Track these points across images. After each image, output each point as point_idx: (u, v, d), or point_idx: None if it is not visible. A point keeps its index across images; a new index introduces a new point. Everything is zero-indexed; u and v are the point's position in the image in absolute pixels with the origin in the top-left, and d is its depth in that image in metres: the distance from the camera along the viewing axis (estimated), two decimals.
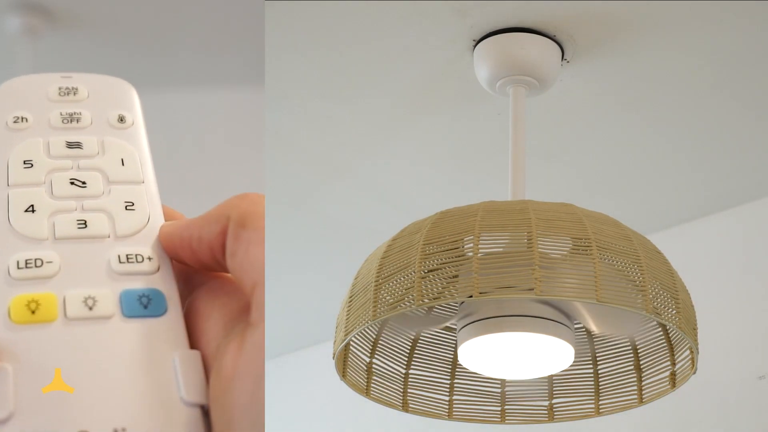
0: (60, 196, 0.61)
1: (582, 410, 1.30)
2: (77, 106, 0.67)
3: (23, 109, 0.66)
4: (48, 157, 0.63)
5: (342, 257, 1.87)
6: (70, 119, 0.66)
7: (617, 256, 1.11)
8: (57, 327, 0.56)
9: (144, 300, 0.58)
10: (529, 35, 1.35)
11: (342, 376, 1.24)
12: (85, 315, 0.56)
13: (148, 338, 0.56)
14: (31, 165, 0.63)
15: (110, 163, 0.64)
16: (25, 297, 0.56)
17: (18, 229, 0.60)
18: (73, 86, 0.68)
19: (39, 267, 0.58)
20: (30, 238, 0.59)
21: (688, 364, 1.21)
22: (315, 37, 1.39)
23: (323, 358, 2.02)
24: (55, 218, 0.60)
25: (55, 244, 0.59)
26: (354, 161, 1.64)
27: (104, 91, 0.69)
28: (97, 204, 0.62)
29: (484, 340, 1.19)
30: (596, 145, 1.59)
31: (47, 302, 0.56)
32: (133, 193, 0.63)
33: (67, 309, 0.56)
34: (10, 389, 0.53)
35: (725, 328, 1.69)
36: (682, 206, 1.74)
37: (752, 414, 1.66)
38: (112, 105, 0.68)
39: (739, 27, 1.35)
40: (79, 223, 0.60)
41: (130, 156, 0.65)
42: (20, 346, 0.55)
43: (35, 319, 0.56)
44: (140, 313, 0.57)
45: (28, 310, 0.56)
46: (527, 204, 1.14)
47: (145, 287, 0.58)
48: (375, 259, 1.16)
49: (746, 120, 1.53)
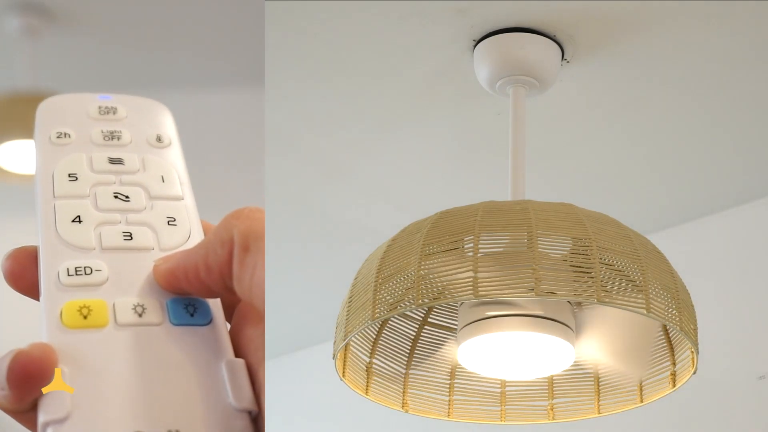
0: (105, 209, 0.63)
1: (582, 410, 1.30)
2: (117, 125, 0.69)
3: (65, 126, 0.68)
4: (91, 171, 0.65)
5: (342, 257, 1.87)
6: (111, 137, 0.68)
7: (617, 256, 1.11)
8: (108, 332, 0.58)
9: (190, 309, 0.59)
10: (529, 35, 1.35)
11: (342, 376, 1.24)
12: (134, 321, 0.58)
13: (195, 345, 0.58)
14: (76, 178, 0.65)
15: (151, 179, 0.66)
16: (76, 302, 0.58)
17: (66, 239, 0.61)
18: (113, 106, 0.70)
19: (88, 275, 0.60)
20: (78, 247, 0.61)
21: (688, 364, 1.21)
22: (315, 37, 1.39)
23: (323, 358, 2.01)
24: (101, 229, 0.62)
25: (103, 253, 0.61)
26: (354, 161, 1.64)
27: (142, 111, 0.71)
28: (141, 218, 0.64)
29: (484, 340, 1.19)
30: (596, 145, 1.59)
31: (98, 308, 0.58)
32: (174, 210, 0.65)
33: (117, 315, 0.58)
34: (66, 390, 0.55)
35: (725, 328, 1.69)
36: (682, 206, 1.74)
37: (752, 414, 1.66)
38: (150, 125, 0.70)
39: (739, 27, 1.35)
40: (125, 235, 0.62)
41: (169, 174, 0.67)
42: (74, 349, 0.56)
43: (87, 324, 0.58)
44: (187, 321, 0.59)
45: (80, 315, 0.58)
46: (527, 204, 1.14)
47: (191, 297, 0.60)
48: (375, 259, 1.16)
49: (746, 120, 1.53)
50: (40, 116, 0.69)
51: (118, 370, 0.56)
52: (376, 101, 1.50)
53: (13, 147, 2.08)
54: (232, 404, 0.56)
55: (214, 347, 0.59)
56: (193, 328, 0.59)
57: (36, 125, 0.68)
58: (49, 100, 0.70)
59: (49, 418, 0.54)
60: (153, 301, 0.59)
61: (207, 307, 0.60)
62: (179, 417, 0.55)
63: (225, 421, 0.56)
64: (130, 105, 0.71)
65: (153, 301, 0.59)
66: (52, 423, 0.54)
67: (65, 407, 0.54)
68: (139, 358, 0.57)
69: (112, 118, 0.69)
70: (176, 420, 0.55)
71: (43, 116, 0.69)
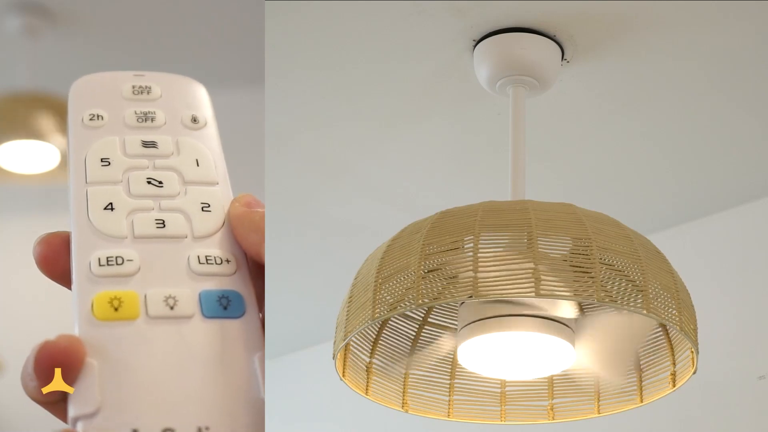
0: (138, 195, 0.62)
1: (582, 410, 1.30)
2: (151, 105, 0.67)
3: (98, 107, 0.67)
4: (124, 155, 0.64)
5: (342, 257, 1.87)
6: (145, 118, 0.67)
7: (617, 256, 1.11)
8: (139, 325, 0.57)
9: (224, 301, 0.59)
10: (529, 35, 1.35)
11: (342, 376, 1.24)
12: (166, 314, 0.57)
13: (227, 339, 0.57)
14: (109, 163, 0.63)
15: (185, 163, 0.65)
16: (108, 294, 0.57)
17: (98, 227, 0.61)
18: (147, 85, 0.68)
19: (120, 265, 0.59)
20: (110, 236, 0.60)
21: (688, 364, 1.21)
22: (315, 37, 1.39)
23: (323, 358, 2.02)
24: (134, 216, 0.61)
25: (135, 242, 0.60)
26: (354, 161, 1.64)
27: (176, 90, 0.69)
28: (174, 204, 0.63)
29: (484, 340, 1.19)
30: (596, 145, 1.59)
31: (130, 300, 0.57)
32: (209, 195, 0.64)
33: (148, 307, 0.57)
34: (95, 384, 0.55)
35: (725, 328, 1.69)
36: (682, 206, 1.74)
37: (752, 414, 1.66)
38: (185, 104, 0.69)
39: (738, 28, 1.35)
40: (157, 223, 0.61)
41: (204, 157, 0.66)
42: (104, 342, 0.56)
43: (118, 317, 0.57)
44: (220, 314, 0.58)
45: (111, 307, 0.57)
46: (527, 204, 1.14)
47: (225, 288, 0.59)
48: (375, 259, 1.16)
49: (746, 120, 1.53)
50: (73, 96, 0.67)
51: (149, 364, 0.56)
52: (376, 101, 1.50)
53: (13, 147, 2.08)
54: (264, 399, 0.56)
55: (247, 341, 0.58)
56: (226, 320, 0.58)
57: (69, 106, 0.67)
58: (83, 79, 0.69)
59: (78, 412, 0.54)
60: (186, 292, 0.58)
61: (240, 300, 0.59)
62: (210, 413, 0.54)
63: (256, 417, 0.55)
64: (165, 83, 0.69)
65: (186, 292, 0.58)
66: (82, 417, 0.54)
67: (95, 401, 0.54)
68: (170, 352, 0.56)
69: (146, 98, 0.68)
70: (207, 416, 0.54)
71: (76, 96, 0.67)
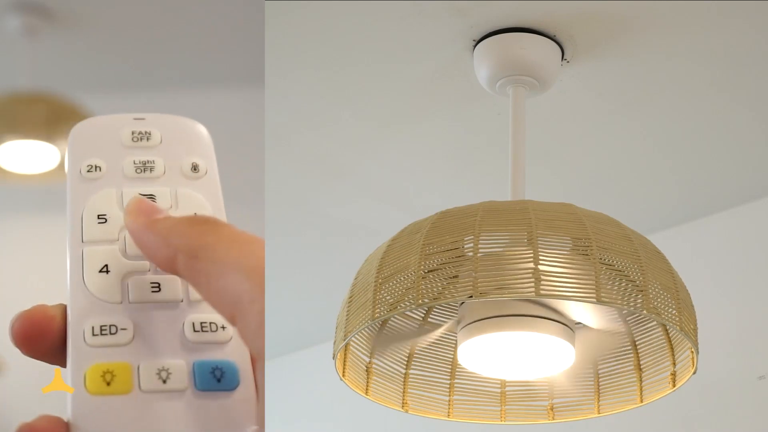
0: (134, 256, 0.61)
1: (582, 410, 1.30)
2: (150, 153, 0.66)
3: (96, 156, 0.66)
4: (121, 210, 0.63)
5: (342, 257, 1.87)
6: (143, 168, 0.65)
7: (617, 256, 1.11)
8: (131, 399, 0.56)
9: (217, 373, 0.58)
10: (529, 35, 1.35)
11: (342, 376, 1.24)
12: (159, 388, 0.57)
13: (220, 413, 0.57)
14: (105, 220, 0.63)
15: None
16: (100, 367, 0.57)
17: (93, 291, 0.60)
18: (147, 130, 0.67)
19: (114, 334, 0.58)
20: (104, 301, 0.60)
21: (688, 364, 1.21)
22: (315, 37, 1.39)
23: (323, 358, 2.02)
24: (129, 280, 0.60)
25: (129, 308, 0.59)
26: (354, 161, 1.64)
27: (178, 135, 0.68)
28: None
29: (484, 340, 1.19)
30: (596, 145, 1.59)
31: (122, 373, 0.57)
32: None
33: (141, 381, 0.57)
34: None
35: (725, 328, 1.69)
36: (682, 206, 1.74)
37: (752, 414, 1.66)
38: (186, 151, 0.67)
39: (738, 28, 1.35)
40: (152, 287, 0.60)
41: (203, 210, 0.64)
42: (96, 419, 0.56)
43: (110, 391, 0.56)
44: (213, 386, 0.57)
45: (103, 382, 0.56)
46: (527, 204, 1.14)
47: (219, 359, 0.58)
48: (375, 259, 1.16)
49: (746, 120, 1.53)
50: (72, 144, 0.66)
51: None
52: (376, 101, 1.50)
53: (13, 147, 2.08)
54: None
55: (240, 415, 0.57)
56: (219, 393, 0.57)
57: (67, 154, 0.66)
58: (82, 124, 0.67)
59: None
60: (179, 364, 0.58)
61: (234, 372, 0.58)
62: None
63: None
64: (166, 127, 0.68)
65: (179, 364, 0.58)
66: None
67: None
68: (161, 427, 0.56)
69: (145, 144, 0.67)
70: None
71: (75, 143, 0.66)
